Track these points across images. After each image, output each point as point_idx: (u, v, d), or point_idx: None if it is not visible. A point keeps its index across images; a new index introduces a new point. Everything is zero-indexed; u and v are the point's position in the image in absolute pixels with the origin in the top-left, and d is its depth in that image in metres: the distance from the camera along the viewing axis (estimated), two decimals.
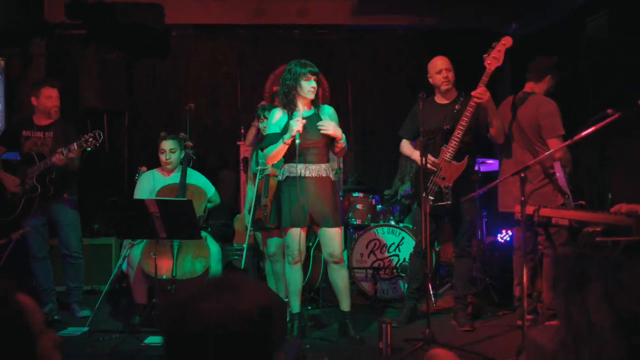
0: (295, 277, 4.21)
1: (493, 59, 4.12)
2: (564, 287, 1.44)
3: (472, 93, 4.15)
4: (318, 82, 4.17)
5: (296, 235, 4.13)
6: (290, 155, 4.14)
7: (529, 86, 4.59)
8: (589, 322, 1.37)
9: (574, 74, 5.36)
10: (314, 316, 4.93)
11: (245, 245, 4.68)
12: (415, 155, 4.46)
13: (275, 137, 4.11)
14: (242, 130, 6.63)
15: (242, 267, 4.69)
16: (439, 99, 4.48)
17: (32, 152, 4.82)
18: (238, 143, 6.71)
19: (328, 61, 7.11)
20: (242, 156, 6.56)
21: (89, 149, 4.62)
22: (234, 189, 6.89)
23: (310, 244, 5.17)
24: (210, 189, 5.01)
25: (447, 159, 4.25)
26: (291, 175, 4.13)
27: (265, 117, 4.71)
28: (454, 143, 4.23)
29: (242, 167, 6.60)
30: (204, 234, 4.59)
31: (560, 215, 3.21)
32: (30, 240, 4.88)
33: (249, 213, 4.81)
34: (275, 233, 4.67)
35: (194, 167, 5.03)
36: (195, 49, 7.27)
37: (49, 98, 4.87)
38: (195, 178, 4.97)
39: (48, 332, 1.40)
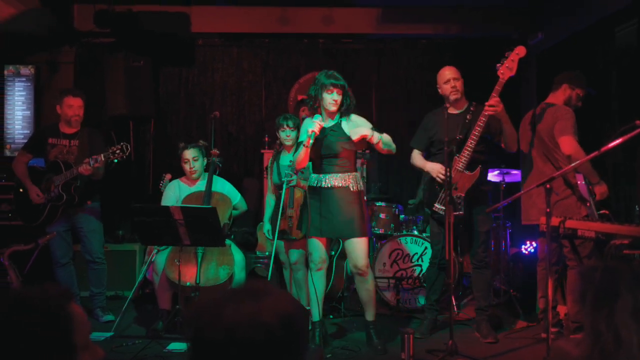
0: (317, 284, 4.22)
1: (506, 69, 4.11)
2: (591, 302, 1.42)
3: (486, 104, 4.14)
4: (344, 94, 4.13)
5: (317, 243, 4.17)
6: (316, 166, 4.18)
7: (549, 98, 4.60)
8: (618, 338, 1.35)
9: (602, 84, 5.30)
10: (337, 325, 4.92)
11: (271, 254, 4.68)
12: (428, 167, 4.47)
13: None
14: (267, 139, 6.66)
15: (269, 278, 4.70)
16: (450, 109, 4.45)
17: (58, 160, 4.89)
18: (262, 151, 6.75)
19: (352, 70, 7.12)
20: (265, 164, 6.58)
21: (116, 160, 4.68)
22: (257, 197, 6.91)
23: (333, 252, 5.17)
24: (235, 196, 5.05)
25: (459, 168, 4.23)
26: (315, 185, 4.17)
27: (289, 126, 4.73)
28: (466, 153, 4.21)
29: (265, 175, 6.62)
30: (228, 241, 4.62)
31: (587, 227, 3.17)
32: (54, 246, 4.95)
33: (270, 222, 4.83)
34: (298, 242, 4.69)
35: (219, 175, 5.07)
36: (221, 57, 7.33)
37: (69, 107, 4.94)
38: (221, 185, 5.01)
39: (91, 347, 1.41)
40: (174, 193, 4.98)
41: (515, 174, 5.52)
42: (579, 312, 1.50)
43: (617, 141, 3.23)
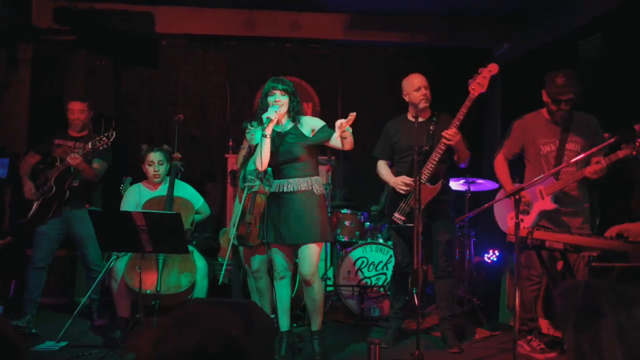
0: (281, 293, 4.15)
1: (477, 85, 4.10)
2: (574, 322, 1.38)
3: (443, 134, 4.14)
4: (290, 97, 4.06)
5: (279, 251, 4.10)
6: (276, 172, 4.13)
7: None
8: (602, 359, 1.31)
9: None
10: (299, 335, 4.84)
11: (225, 260, 4.57)
12: (392, 180, 4.43)
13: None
14: (231, 143, 6.56)
15: (220, 282, 4.59)
16: (412, 117, 4.40)
17: (56, 155, 4.83)
18: (226, 155, 6.64)
19: (319, 76, 7.08)
20: (229, 169, 6.48)
21: (103, 147, 4.60)
22: (220, 202, 6.80)
23: (297, 260, 5.09)
24: (198, 201, 4.94)
25: (422, 180, 4.20)
26: (276, 191, 4.09)
27: (253, 126, 4.68)
28: (430, 166, 4.21)
29: (229, 180, 6.52)
30: (190, 248, 4.50)
31: (555, 239, 3.17)
32: (37, 246, 4.84)
33: (234, 226, 4.74)
34: (258, 249, 4.60)
35: (181, 179, 4.95)
36: (186, 59, 7.21)
37: (70, 112, 4.98)
38: (183, 190, 4.89)
39: None
40: (134, 197, 4.84)
41: (481, 184, 5.55)
42: (563, 333, 1.45)
43: (585, 154, 3.24)
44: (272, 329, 3.88)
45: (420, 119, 4.37)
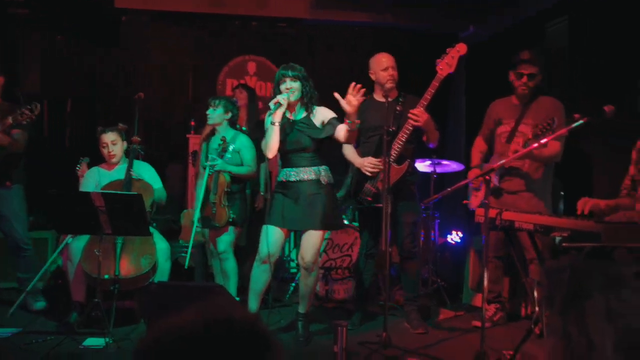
0: (257, 276, 4.10)
1: (445, 65, 4.08)
2: (559, 304, 1.33)
3: (409, 114, 4.11)
4: (302, 83, 4.01)
5: (272, 234, 4.05)
6: (285, 160, 4.15)
7: None
8: (590, 342, 1.27)
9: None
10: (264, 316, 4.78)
11: (190, 243, 4.45)
12: (358, 162, 4.38)
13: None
14: (193, 123, 6.41)
15: (187, 267, 4.48)
16: (379, 97, 4.39)
17: None
18: (187, 136, 6.48)
19: (286, 55, 6.93)
20: (191, 149, 6.34)
21: (26, 122, 4.36)
22: (182, 183, 6.65)
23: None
24: (156, 183, 4.78)
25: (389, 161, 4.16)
26: (284, 179, 4.11)
27: (213, 105, 4.56)
28: (397, 146, 4.17)
29: (190, 161, 6.38)
30: (151, 229, 4.38)
31: (525, 220, 3.16)
32: None
33: (198, 208, 4.62)
34: (224, 230, 4.52)
35: (143, 159, 4.81)
36: (148, 36, 6.99)
37: None
38: (143, 171, 4.75)
39: None
40: (94, 179, 4.67)
41: (447, 165, 5.54)
42: (549, 315, 1.41)
43: (557, 133, 3.23)
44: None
45: (385, 99, 4.32)
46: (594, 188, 4.81)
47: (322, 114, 4.06)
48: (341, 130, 3.95)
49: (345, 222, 5.46)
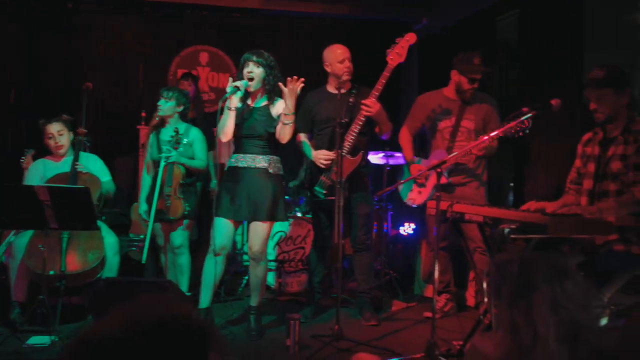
0: (212, 269, 4.04)
1: (396, 55, 4.10)
2: (508, 296, 1.35)
3: (362, 104, 4.12)
4: (266, 72, 3.98)
5: (221, 226, 4.02)
6: (237, 145, 4.10)
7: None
8: (535, 333, 1.29)
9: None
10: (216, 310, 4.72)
11: (148, 237, 4.35)
12: (312, 154, 4.38)
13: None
14: (144, 114, 6.27)
15: (144, 261, 4.39)
16: (332, 89, 4.39)
17: None
18: (138, 127, 6.34)
19: (239, 46, 6.84)
20: (142, 141, 6.21)
21: None
22: (132, 175, 6.51)
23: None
24: (104, 175, 4.66)
25: (342, 153, 4.17)
26: (234, 165, 4.07)
27: (165, 97, 4.47)
28: (350, 138, 4.17)
29: (141, 153, 6.25)
30: (99, 223, 4.27)
31: (474, 212, 3.20)
32: None
33: (146, 202, 4.53)
34: (179, 223, 4.45)
35: (91, 151, 4.68)
36: (100, 25, 6.79)
37: None
38: (91, 163, 4.61)
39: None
40: (39, 172, 4.52)
41: (399, 157, 5.58)
42: (496, 307, 1.43)
43: (506, 127, 3.28)
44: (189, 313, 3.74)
45: (339, 91, 4.32)
46: (538, 179, 4.94)
47: (279, 107, 4.03)
48: (278, 126, 3.97)
49: (299, 214, 5.47)
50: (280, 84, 3.84)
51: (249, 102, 4.07)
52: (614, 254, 3.04)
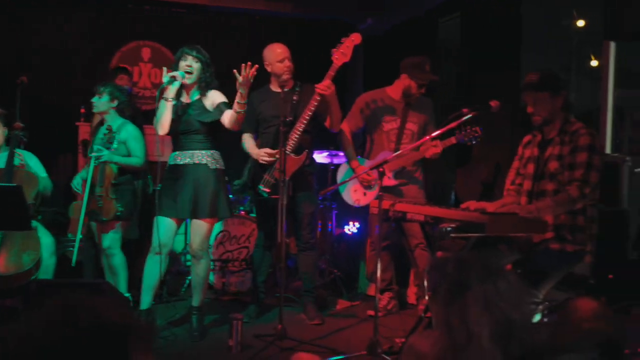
0: (152, 269, 3.98)
1: (341, 54, 4.12)
2: (443, 295, 1.37)
3: (317, 86, 4.12)
4: (202, 68, 3.97)
5: (162, 225, 3.95)
6: (176, 143, 4.06)
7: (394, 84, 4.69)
8: (469, 332, 1.31)
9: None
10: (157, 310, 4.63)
11: (78, 237, 4.22)
12: (254, 152, 4.35)
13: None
14: (83, 110, 6.09)
15: (74, 263, 4.25)
16: (276, 88, 4.38)
17: None
18: (77, 124, 6.16)
19: (182, 42, 6.71)
20: (81, 138, 6.03)
21: None
22: (70, 173, 6.30)
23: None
24: (41, 172, 4.50)
25: (286, 151, 4.16)
26: (173, 162, 4.03)
27: (98, 92, 4.37)
28: (294, 136, 4.16)
29: (80, 150, 6.09)
30: (34, 223, 4.12)
31: (416, 211, 3.24)
32: None
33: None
34: (110, 224, 4.32)
35: (26, 149, 4.51)
36: (40, 17, 6.55)
37: None
38: (26, 159, 4.45)
39: None
40: None
41: (344, 156, 5.59)
42: (433, 306, 1.44)
43: (445, 127, 3.33)
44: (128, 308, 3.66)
45: (282, 89, 4.30)
46: (479, 180, 5.05)
47: (213, 97, 4.01)
48: (226, 116, 3.93)
49: (243, 213, 5.41)
50: (235, 71, 3.79)
51: (184, 99, 4.03)
52: (549, 252, 3.12)
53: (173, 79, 3.85)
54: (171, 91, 3.89)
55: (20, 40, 6.54)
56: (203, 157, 3.99)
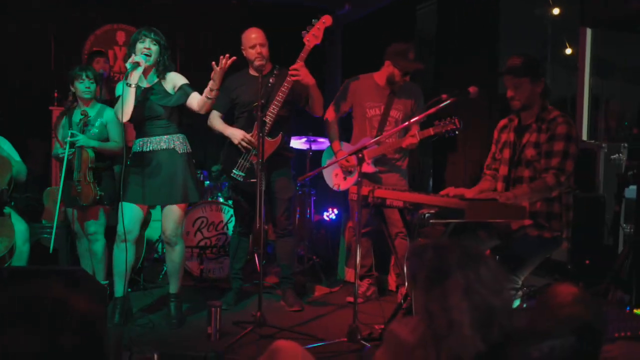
0: (119, 257, 3.93)
1: (312, 37, 4.10)
2: (423, 282, 1.36)
3: (290, 68, 4.09)
4: (160, 51, 3.88)
5: (128, 211, 3.90)
6: (139, 130, 3.98)
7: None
8: (449, 319, 1.30)
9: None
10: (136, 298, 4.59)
11: (54, 224, 4.14)
12: (228, 131, 4.30)
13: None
14: (56, 94, 5.97)
15: (51, 250, 4.18)
16: (253, 72, 4.33)
17: None
18: (50, 108, 6.03)
19: (157, 27, 6.63)
20: (54, 122, 5.91)
21: None
22: (44, 159, 6.20)
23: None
24: (14, 157, 4.40)
25: (260, 134, 4.11)
26: (139, 150, 3.95)
27: (88, 77, 4.25)
28: (268, 118, 4.12)
29: (54, 135, 5.96)
30: (8, 210, 4.03)
31: (395, 197, 3.24)
32: None
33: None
34: (92, 210, 4.25)
35: None
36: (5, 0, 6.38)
37: None
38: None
39: None
40: None
41: (322, 142, 5.58)
42: (413, 293, 1.44)
43: (424, 114, 3.33)
44: (103, 296, 3.61)
45: (259, 74, 4.25)
46: (457, 165, 5.07)
47: (173, 80, 3.95)
48: (194, 98, 3.88)
49: (221, 199, 5.38)
50: (213, 63, 3.74)
51: (141, 83, 3.92)
52: (528, 238, 3.15)
53: (136, 64, 3.75)
54: (134, 77, 3.78)
55: None
56: (169, 141, 3.94)
